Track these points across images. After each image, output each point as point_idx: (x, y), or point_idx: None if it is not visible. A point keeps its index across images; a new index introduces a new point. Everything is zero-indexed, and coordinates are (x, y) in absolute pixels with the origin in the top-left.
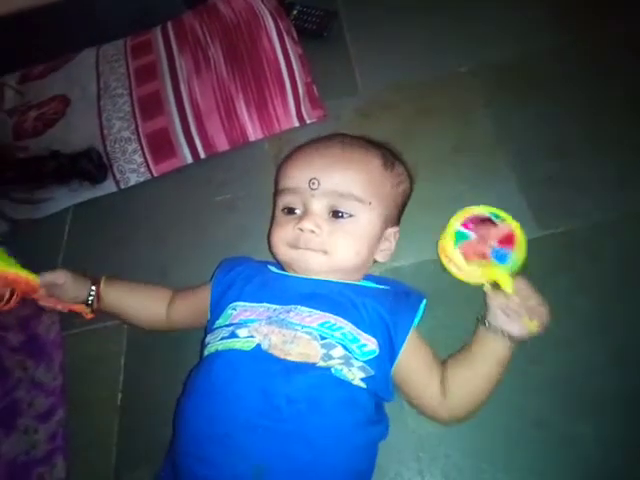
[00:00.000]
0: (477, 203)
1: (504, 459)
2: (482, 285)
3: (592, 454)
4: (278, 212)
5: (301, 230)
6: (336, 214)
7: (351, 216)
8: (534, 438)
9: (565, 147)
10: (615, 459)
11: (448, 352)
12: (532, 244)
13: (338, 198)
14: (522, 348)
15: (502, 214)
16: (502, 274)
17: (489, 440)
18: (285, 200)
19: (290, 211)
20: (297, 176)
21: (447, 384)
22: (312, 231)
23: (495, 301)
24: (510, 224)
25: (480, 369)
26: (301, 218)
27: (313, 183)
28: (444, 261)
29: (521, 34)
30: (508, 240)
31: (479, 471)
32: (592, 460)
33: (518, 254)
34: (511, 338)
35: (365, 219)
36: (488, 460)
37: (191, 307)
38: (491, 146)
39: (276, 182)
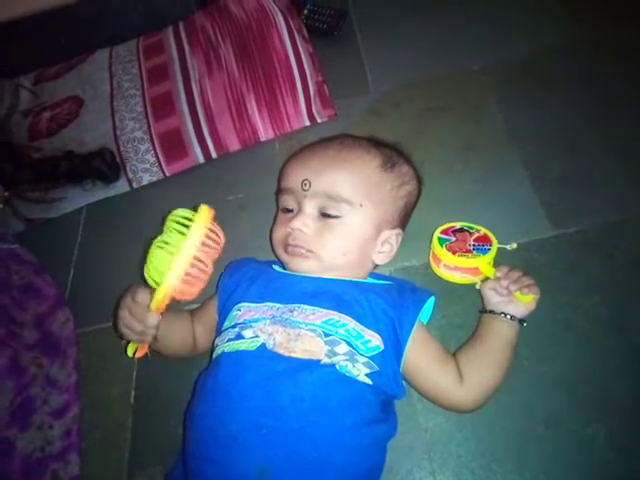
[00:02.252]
0: (489, 202)
1: (516, 460)
2: (474, 284)
3: (605, 456)
4: (278, 211)
5: (292, 230)
6: (326, 214)
7: (340, 217)
8: (546, 439)
9: (578, 146)
10: (629, 461)
11: None
12: (545, 243)
13: (327, 199)
14: (536, 348)
15: (474, 225)
16: (484, 263)
17: (501, 440)
18: (283, 200)
19: (288, 210)
20: (292, 177)
21: (462, 372)
22: (300, 230)
23: (486, 286)
24: (481, 230)
25: (491, 352)
26: (292, 217)
27: (305, 184)
28: (435, 267)
29: (533, 32)
30: (484, 239)
31: (491, 472)
32: (605, 462)
33: (494, 248)
34: (512, 317)
35: (354, 221)
36: (500, 460)
37: (208, 324)
38: (503, 144)
39: (278, 181)
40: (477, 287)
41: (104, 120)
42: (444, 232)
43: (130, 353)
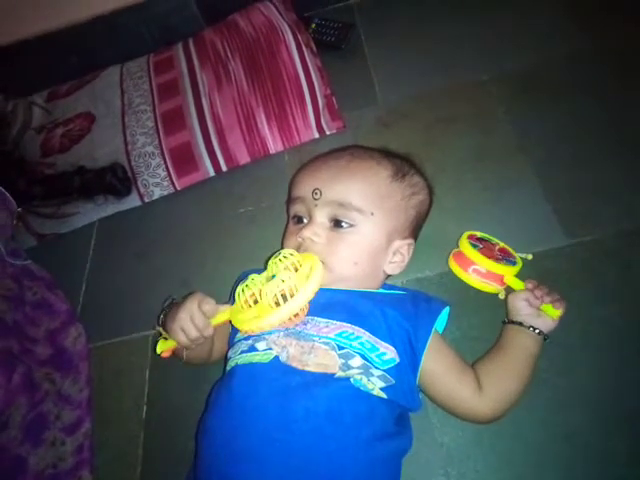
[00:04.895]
0: (500, 212)
1: (535, 475)
2: (497, 293)
3: (626, 471)
4: (289, 220)
5: (302, 239)
6: (337, 223)
7: (351, 226)
8: (565, 453)
9: (590, 154)
10: None
11: None
12: (559, 253)
13: (339, 208)
14: (553, 360)
15: (492, 237)
16: (514, 273)
17: (519, 455)
18: (294, 209)
19: (299, 220)
20: (303, 186)
21: (482, 382)
22: (311, 239)
23: (518, 297)
24: (500, 242)
25: (513, 364)
26: (303, 227)
27: (316, 193)
28: (460, 270)
29: (542, 42)
30: (505, 252)
31: None
32: (625, 477)
33: (520, 261)
34: (540, 332)
35: (366, 230)
36: (518, 475)
37: (221, 335)
38: (513, 154)
39: (288, 191)
40: (501, 297)
41: (115, 135)
42: (469, 238)
43: (159, 350)
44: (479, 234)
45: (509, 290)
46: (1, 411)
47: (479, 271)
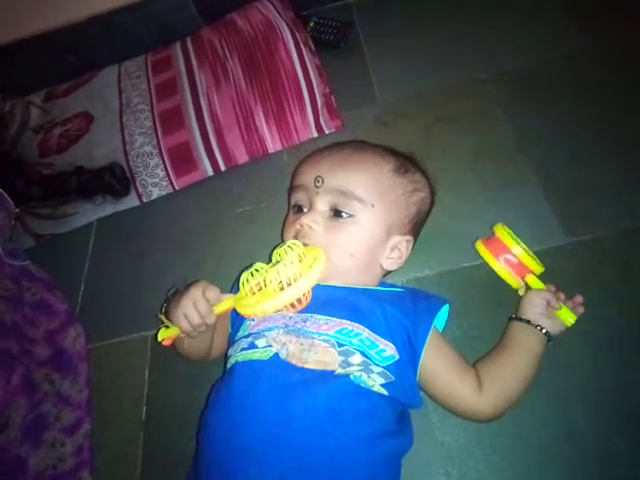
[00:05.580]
0: (501, 211)
1: (536, 474)
2: (518, 288)
3: (627, 471)
4: (289, 210)
5: (301, 226)
6: (337, 213)
7: (351, 216)
8: (566, 452)
9: (589, 153)
10: None
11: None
12: (559, 251)
13: (340, 196)
14: (553, 360)
15: (517, 238)
16: (539, 271)
17: (520, 454)
18: (295, 197)
19: (299, 209)
20: (305, 174)
21: (483, 380)
22: (310, 227)
23: (539, 295)
24: (522, 244)
25: (517, 362)
26: (303, 215)
27: (318, 181)
28: (490, 257)
29: (540, 41)
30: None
31: None
32: (626, 477)
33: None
34: (546, 332)
35: (365, 221)
36: (519, 475)
37: (221, 333)
38: (513, 153)
39: (291, 180)
40: (520, 293)
41: (114, 135)
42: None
43: (160, 338)
44: (507, 230)
45: (528, 288)
46: (1, 412)
47: (510, 261)
